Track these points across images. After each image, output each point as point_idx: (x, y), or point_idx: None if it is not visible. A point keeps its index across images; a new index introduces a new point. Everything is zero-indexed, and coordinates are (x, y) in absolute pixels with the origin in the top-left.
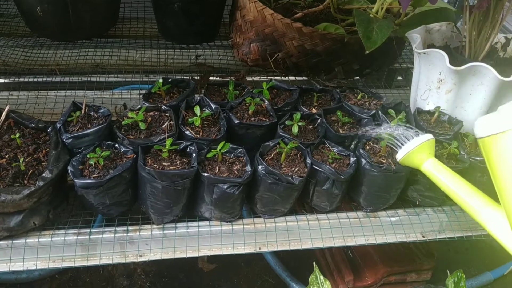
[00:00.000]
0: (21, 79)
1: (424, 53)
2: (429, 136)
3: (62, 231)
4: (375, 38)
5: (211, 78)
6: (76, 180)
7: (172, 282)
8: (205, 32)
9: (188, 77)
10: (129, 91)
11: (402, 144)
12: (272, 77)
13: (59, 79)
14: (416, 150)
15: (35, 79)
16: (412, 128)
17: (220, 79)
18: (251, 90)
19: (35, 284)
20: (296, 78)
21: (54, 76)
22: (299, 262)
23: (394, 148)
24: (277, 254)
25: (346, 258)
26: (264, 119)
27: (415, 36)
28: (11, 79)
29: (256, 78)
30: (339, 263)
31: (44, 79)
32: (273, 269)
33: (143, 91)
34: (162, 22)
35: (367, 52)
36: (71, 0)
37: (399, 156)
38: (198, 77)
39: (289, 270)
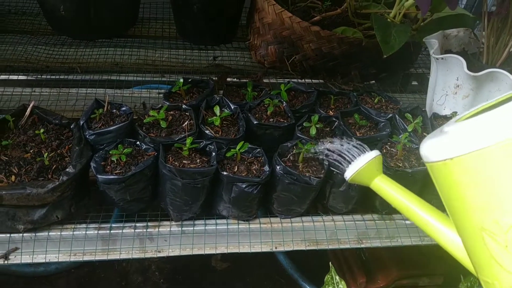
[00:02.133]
0: (43, 77)
1: (442, 58)
2: (377, 152)
3: (83, 225)
4: (393, 43)
5: (228, 79)
6: (98, 176)
7: (186, 280)
8: (222, 34)
9: (206, 78)
10: (148, 90)
11: (349, 162)
12: (288, 79)
13: (80, 77)
14: (365, 168)
15: (57, 77)
16: (360, 145)
17: (238, 80)
18: (269, 91)
19: (52, 277)
20: (312, 80)
21: (75, 74)
22: (311, 262)
23: (341, 165)
24: (289, 254)
25: (358, 260)
26: (282, 120)
27: (433, 42)
28: (33, 76)
29: (272, 80)
30: (352, 265)
31: (66, 76)
32: (285, 269)
33: (162, 91)
34: (181, 23)
35: (385, 56)
36: (93, 0)
37: (348, 174)
38: (216, 78)
39: (300, 270)
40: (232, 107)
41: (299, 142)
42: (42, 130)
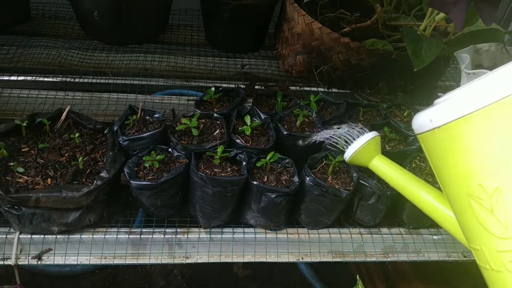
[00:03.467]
0: (76, 80)
1: (474, 73)
2: (375, 133)
3: (115, 229)
4: (424, 57)
5: (255, 87)
6: (132, 182)
7: (207, 285)
8: (251, 42)
9: (234, 85)
10: (178, 96)
11: (347, 143)
12: (315, 88)
13: (111, 81)
14: (363, 148)
15: (89, 81)
16: (358, 126)
17: (265, 88)
18: (298, 102)
19: (77, 278)
20: (339, 90)
21: (107, 78)
22: (332, 272)
23: (342, 148)
24: (311, 264)
25: (381, 272)
26: (311, 131)
27: (465, 56)
28: (67, 78)
29: (297, 88)
30: (374, 278)
31: (97, 81)
32: (307, 278)
33: (191, 97)
34: (210, 30)
35: (416, 70)
36: (126, 6)
37: (347, 155)
38: (244, 86)
39: (322, 280)
40: (263, 117)
41: (329, 154)
42: (77, 135)
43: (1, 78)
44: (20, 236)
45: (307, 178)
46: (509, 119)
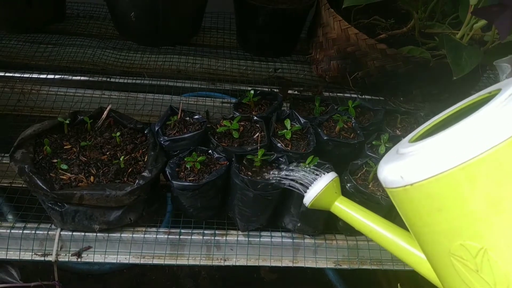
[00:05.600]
0: (112, 80)
1: None
2: (334, 175)
3: (154, 229)
4: (464, 65)
5: (288, 91)
6: (174, 182)
7: None
8: (283, 46)
9: (268, 89)
10: (213, 99)
11: (305, 186)
12: (348, 95)
13: (147, 81)
14: (324, 192)
15: (124, 81)
16: (316, 169)
17: (298, 93)
18: (336, 107)
19: (105, 276)
20: (372, 97)
21: (142, 79)
22: (360, 279)
23: (300, 192)
24: (338, 270)
25: (410, 280)
26: (351, 137)
27: (505, 66)
28: (102, 78)
29: (330, 94)
30: (404, 285)
31: (132, 81)
32: (334, 284)
33: (225, 100)
34: (243, 33)
35: (455, 78)
36: (163, 8)
37: (307, 201)
38: (277, 90)
39: (349, 286)
40: (302, 121)
41: (370, 161)
42: (118, 134)
43: (39, 76)
44: (61, 233)
45: (348, 185)
46: (492, 175)
